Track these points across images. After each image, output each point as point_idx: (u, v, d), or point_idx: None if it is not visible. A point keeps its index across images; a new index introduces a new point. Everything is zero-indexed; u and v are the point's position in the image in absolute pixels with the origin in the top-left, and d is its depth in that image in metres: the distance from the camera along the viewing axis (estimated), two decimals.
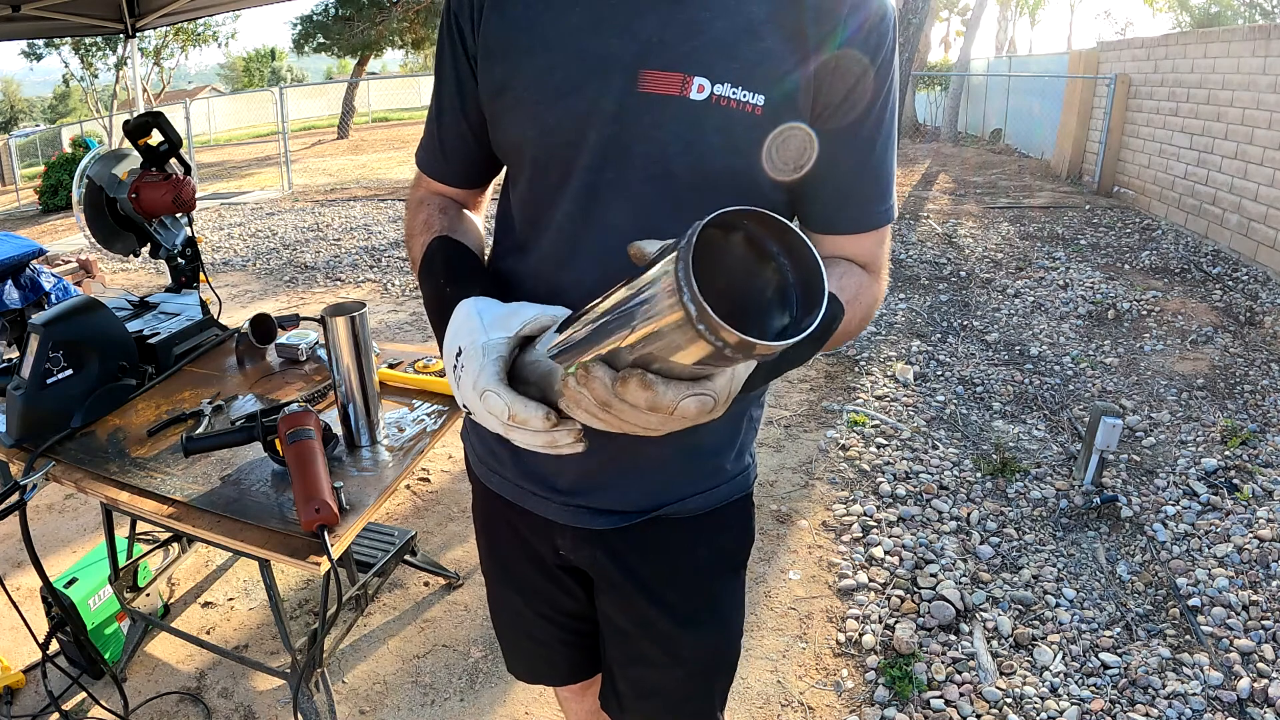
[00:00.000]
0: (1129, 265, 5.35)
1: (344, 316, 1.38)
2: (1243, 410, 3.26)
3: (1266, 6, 17.13)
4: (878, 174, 0.77)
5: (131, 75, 5.60)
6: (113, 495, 1.33)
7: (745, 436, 0.91)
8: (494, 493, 0.95)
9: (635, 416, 0.48)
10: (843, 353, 3.97)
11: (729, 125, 0.68)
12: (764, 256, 0.46)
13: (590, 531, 0.88)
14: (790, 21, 0.68)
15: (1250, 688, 1.82)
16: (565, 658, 1.07)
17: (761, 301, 0.46)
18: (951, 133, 13.65)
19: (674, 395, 0.45)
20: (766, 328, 0.45)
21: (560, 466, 0.86)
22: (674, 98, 0.68)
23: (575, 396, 0.49)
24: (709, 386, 0.46)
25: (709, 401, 0.47)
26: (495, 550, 1.04)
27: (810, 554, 2.41)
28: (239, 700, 1.87)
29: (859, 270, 0.78)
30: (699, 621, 0.94)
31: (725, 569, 0.95)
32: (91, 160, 2.03)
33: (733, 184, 0.71)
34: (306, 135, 19.30)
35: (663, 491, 0.87)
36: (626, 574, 0.91)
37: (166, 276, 2.47)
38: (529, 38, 0.73)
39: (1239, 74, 5.61)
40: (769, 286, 0.46)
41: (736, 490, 0.91)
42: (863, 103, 0.72)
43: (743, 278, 0.46)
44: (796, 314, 0.45)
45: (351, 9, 16.14)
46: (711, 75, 0.68)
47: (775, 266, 0.46)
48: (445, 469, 2.94)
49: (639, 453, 0.83)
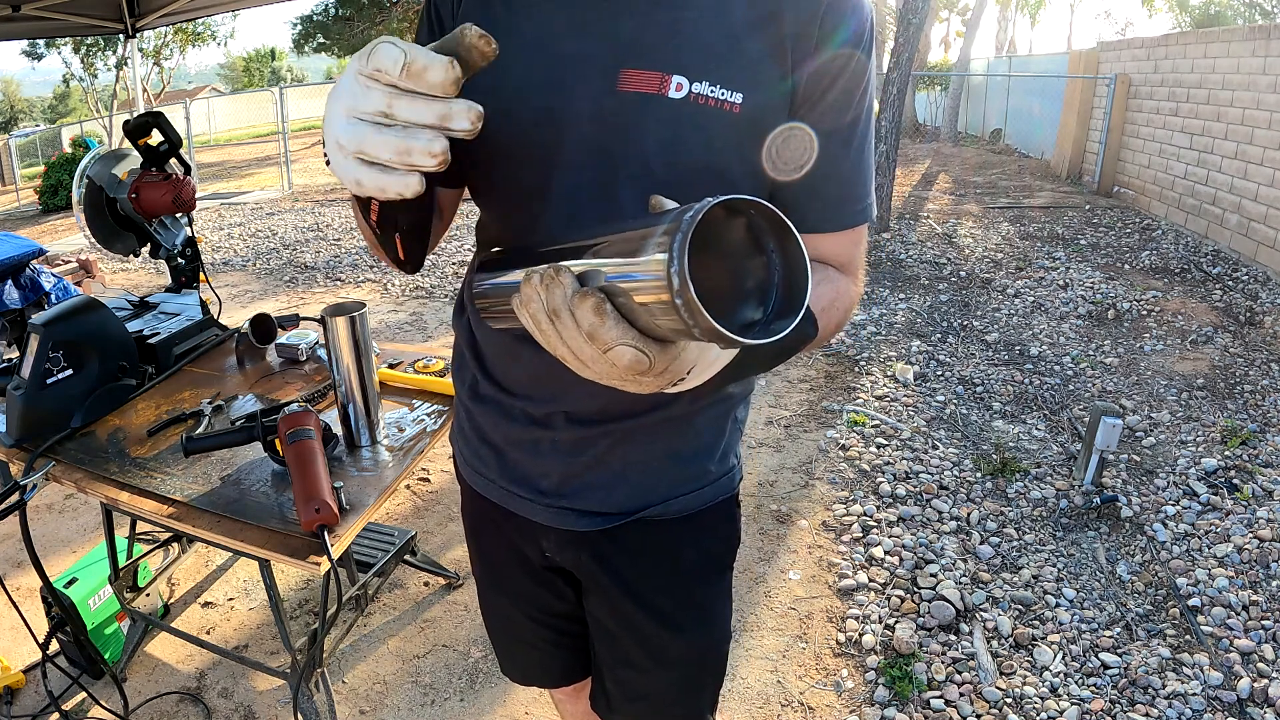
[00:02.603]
0: (1129, 265, 5.35)
1: (344, 316, 1.38)
2: (1243, 410, 3.26)
3: (1266, 6, 17.13)
4: (855, 172, 0.76)
5: (131, 75, 5.60)
6: (113, 495, 1.33)
7: (730, 439, 0.90)
8: (481, 495, 0.95)
9: (572, 338, 0.48)
10: (843, 353, 3.97)
11: (706, 123, 0.69)
12: (758, 249, 0.47)
13: (575, 533, 0.88)
14: (769, 23, 0.68)
15: (1250, 688, 1.82)
16: (557, 660, 1.07)
17: (740, 288, 0.47)
18: (951, 133, 13.66)
19: (618, 334, 0.46)
20: (736, 316, 0.46)
21: (546, 468, 0.86)
22: (653, 96, 0.68)
23: (530, 294, 0.50)
24: (651, 346, 0.47)
25: (644, 361, 0.47)
26: (484, 553, 1.04)
27: (810, 554, 2.41)
28: (239, 700, 1.87)
29: (836, 274, 0.78)
30: (685, 625, 0.94)
31: (711, 571, 0.95)
32: (91, 160, 2.03)
33: (709, 182, 0.71)
34: (306, 135, 19.29)
35: (647, 493, 0.87)
36: (612, 576, 0.91)
37: (166, 276, 2.47)
38: (510, 38, 0.72)
39: (1239, 74, 5.61)
40: (752, 278, 0.47)
41: (721, 492, 0.91)
42: (840, 102, 0.72)
43: (730, 258, 0.46)
44: (769, 314, 0.46)
45: (351, 9, 16.14)
46: (689, 74, 0.68)
47: (765, 262, 0.47)
48: (445, 469, 2.94)
49: (624, 454, 0.84)
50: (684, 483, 0.88)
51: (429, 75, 0.47)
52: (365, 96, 0.48)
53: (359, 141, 0.49)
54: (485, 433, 0.90)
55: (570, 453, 0.84)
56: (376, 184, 0.50)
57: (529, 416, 0.84)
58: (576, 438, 0.82)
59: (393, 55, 0.46)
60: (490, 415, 0.88)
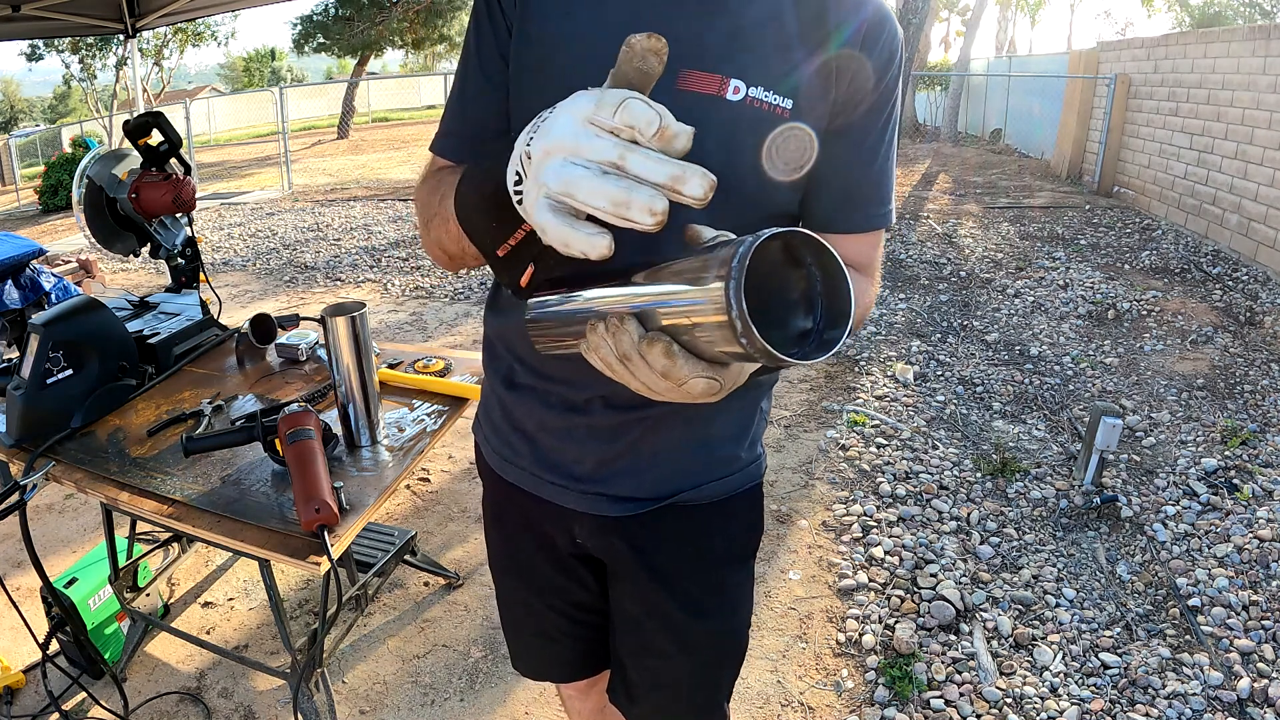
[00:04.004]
0: (1129, 265, 5.35)
1: (344, 316, 1.38)
2: (1243, 410, 3.26)
3: (1266, 6, 17.13)
4: (879, 178, 0.81)
5: (131, 75, 5.60)
6: (113, 495, 1.33)
7: (757, 428, 0.93)
8: (508, 484, 0.96)
9: (647, 376, 0.52)
10: (843, 353, 3.97)
11: (760, 125, 0.73)
12: (798, 263, 0.51)
13: (607, 519, 0.90)
14: (816, 32, 0.73)
15: (1250, 688, 1.82)
16: (573, 652, 1.08)
17: (786, 299, 0.51)
18: (951, 133, 13.66)
19: (690, 371, 0.50)
20: (788, 329, 0.51)
21: (580, 454, 0.87)
22: (712, 97, 0.72)
23: (597, 341, 0.53)
24: (721, 372, 0.51)
25: (716, 386, 0.51)
26: (508, 543, 1.05)
27: (810, 554, 2.41)
28: (239, 700, 1.87)
29: (855, 275, 0.81)
30: (710, 610, 0.96)
31: (736, 558, 0.97)
32: (91, 160, 2.03)
33: (757, 181, 0.75)
34: (306, 135, 19.30)
35: (678, 479, 0.88)
36: (642, 561, 0.93)
37: (166, 276, 2.47)
38: (569, 25, 0.74)
39: (1239, 74, 5.61)
40: (795, 290, 0.51)
41: (748, 480, 0.93)
42: (873, 112, 0.77)
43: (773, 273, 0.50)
44: (819, 323, 0.50)
45: (351, 9, 16.15)
46: (746, 78, 0.72)
47: (806, 275, 0.51)
48: (445, 469, 2.94)
49: (656, 441, 0.85)
50: (715, 468, 0.90)
51: (677, 143, 0.47)
52: (596, 144, 0.46)
53: (568, 184, 0.46)
54: (518, 420, 0.92)
55: (605, 438, 0.85)
56: (560, 236, 0.47)
57: (567, 403, 0.85)
58: (612, 423, 0.84)
59: (648, 116, 0.46)
60: (525, 402, 0.89)
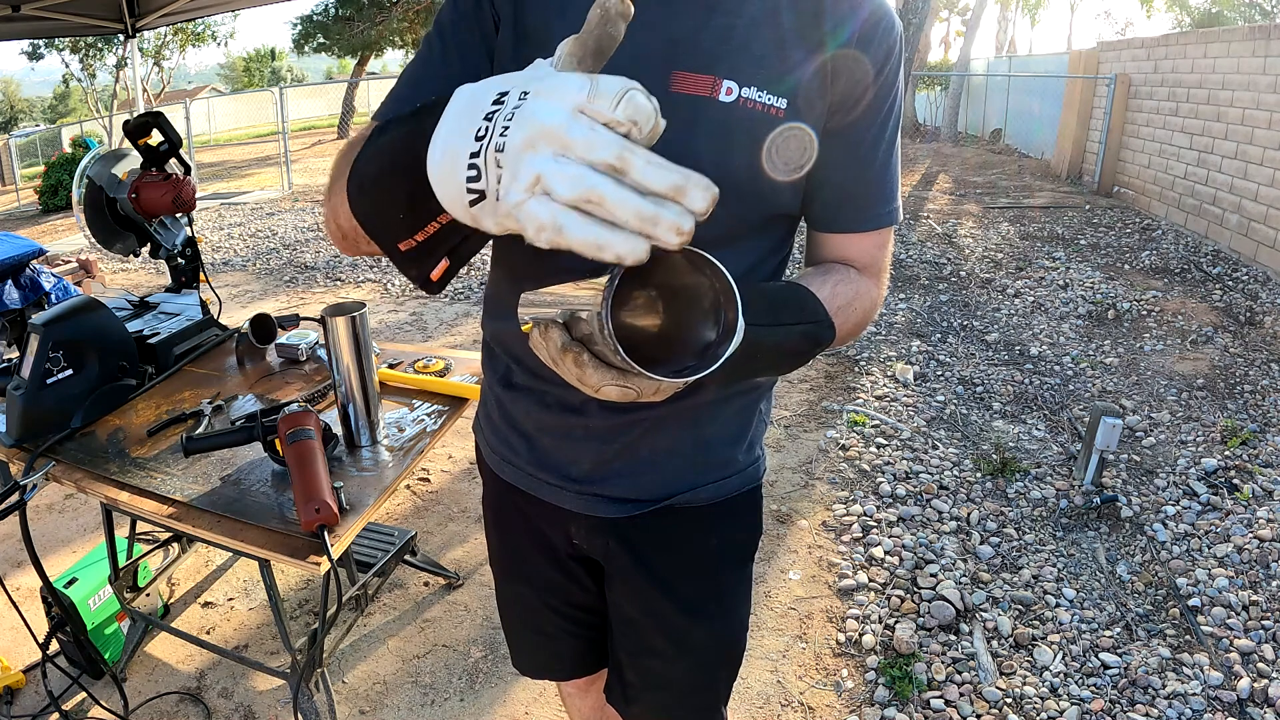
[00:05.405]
0: (1129, 265, 5.35)
1: (344, 316, 1.38)
2: (1243, 410, 3.26)
3: (1266, 6, 17.13)
4: (882, 175, 0.80)
5: (131, 75, 5.60)
6: (113, 495, 1.33)
7: (755, 430, 0.93)
8: (507, 484, 0.96)
9: (572, 378, 0.54)
10: (843, 353, 3.97)
11: (754, 126, 0.72)
12: (700, 271, 0.51)
13: (604, 520, 0.90)
14: (812, 31, 0.72)
15: (1250, 688, 1.82)
16: (572, 651, 1.08)
17: (700, 307, 0.52)
18: (951, 133, 13.65)
19: (599, 379, 0.52)
20: (699, 337, 0.52)
21: (577, 455, 0.87)
22: (704, 98, 0.71)
23: (536, 339, 0.56)
24: (633, 380, 0.52)
25: (630, 393, 0.53)
26: (507, 542, 1.05)
27: (810, 554, 2.41)
28: (239, 700, 1.87)
29: (855, 275, 0.80)
30: (707, 612, 0.96)
31: (734, 560, 0.97)
32: (91, 160, 2.03)
33: (753, 182, 0.74)
34: (306, 135, 19.31)
35: (675, 481, 0.88)
36: (638, 563, 0.92)
37: (166, 276, 2.47)
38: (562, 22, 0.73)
39: (1239, 74, 5.61)
40: (706, 298, 0.52)
41: (747, 482, 0.93)
42: (872, 110, 0.76)
43: (686, 287, 0.51)
44: (719, 337, 0.51)
45: (351, 9, 16.13)
46: (739, 79, 0.71)
47: (709, 284, 0.51)
48: (445, 469, 2.94)
49: (653, 442, 0.85)
50: (712, 470, 0.90)
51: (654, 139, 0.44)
52: (593, 140, 0.41)
53: (588, 190, 0.41)
54: (516, 421, 0.92)
55: (602, 439, 0.85)
56: (593, 238, 0.41)
57: (564, 403, 0.85)
58: (609, 425, 0.84)
59: (648, 111, 0.42)
60: (523, 403, 0.89)
